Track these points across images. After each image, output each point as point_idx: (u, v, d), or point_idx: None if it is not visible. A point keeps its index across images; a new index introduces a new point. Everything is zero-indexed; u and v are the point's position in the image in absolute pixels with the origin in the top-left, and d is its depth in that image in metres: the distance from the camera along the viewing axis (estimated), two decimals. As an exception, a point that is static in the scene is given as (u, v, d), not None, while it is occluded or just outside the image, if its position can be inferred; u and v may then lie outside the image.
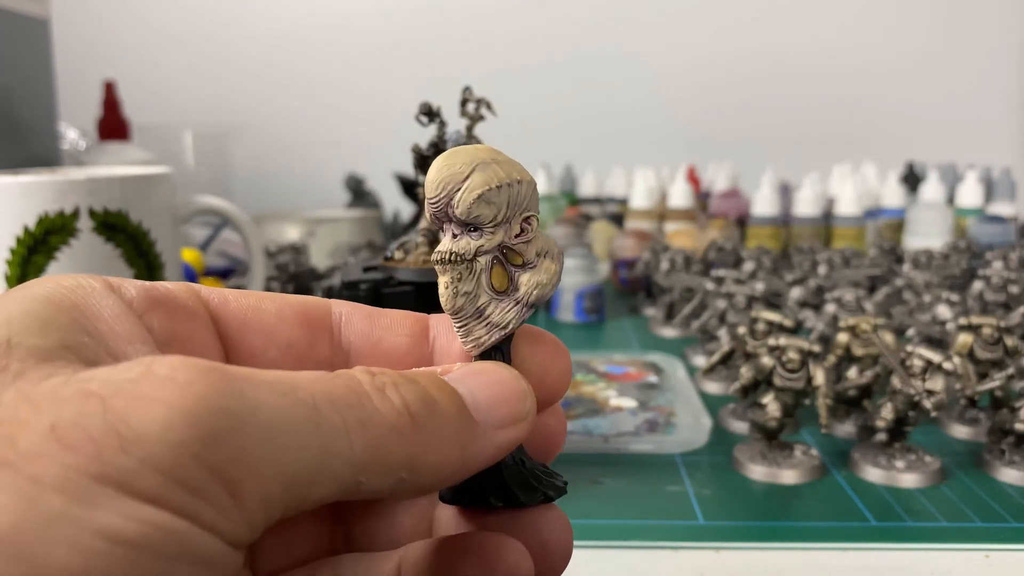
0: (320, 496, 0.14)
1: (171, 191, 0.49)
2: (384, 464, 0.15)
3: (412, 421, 0.15)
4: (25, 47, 0.77)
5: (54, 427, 0.12)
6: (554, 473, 0.20)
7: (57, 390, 0.13)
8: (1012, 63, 1.45)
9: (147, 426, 0.13)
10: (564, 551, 0.20)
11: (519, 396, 0.18)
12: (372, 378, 0.16)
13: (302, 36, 1.43)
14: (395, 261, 0.38)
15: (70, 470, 0.12)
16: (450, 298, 0.19)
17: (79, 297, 0.16)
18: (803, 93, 1.45)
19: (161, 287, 0.18)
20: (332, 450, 0.14)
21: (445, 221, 0.19)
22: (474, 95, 0.38)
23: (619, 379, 0.55)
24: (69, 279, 0.17)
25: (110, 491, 0.12)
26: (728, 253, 0.81)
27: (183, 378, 0.13)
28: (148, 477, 0.12)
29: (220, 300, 0.19)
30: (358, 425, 0.15)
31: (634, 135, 1.43)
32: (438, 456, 0.16)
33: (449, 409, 0.16)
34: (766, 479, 0.41)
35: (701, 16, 1.44)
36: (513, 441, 0.17)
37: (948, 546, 0.35)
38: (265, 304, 0.20)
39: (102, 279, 0.17)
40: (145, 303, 0.18)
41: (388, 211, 1.18)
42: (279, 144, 1.43)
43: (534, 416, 0.18)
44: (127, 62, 1.36)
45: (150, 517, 0.12)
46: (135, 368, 0.13)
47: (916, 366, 0.41)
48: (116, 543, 0.12)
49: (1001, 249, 0.80)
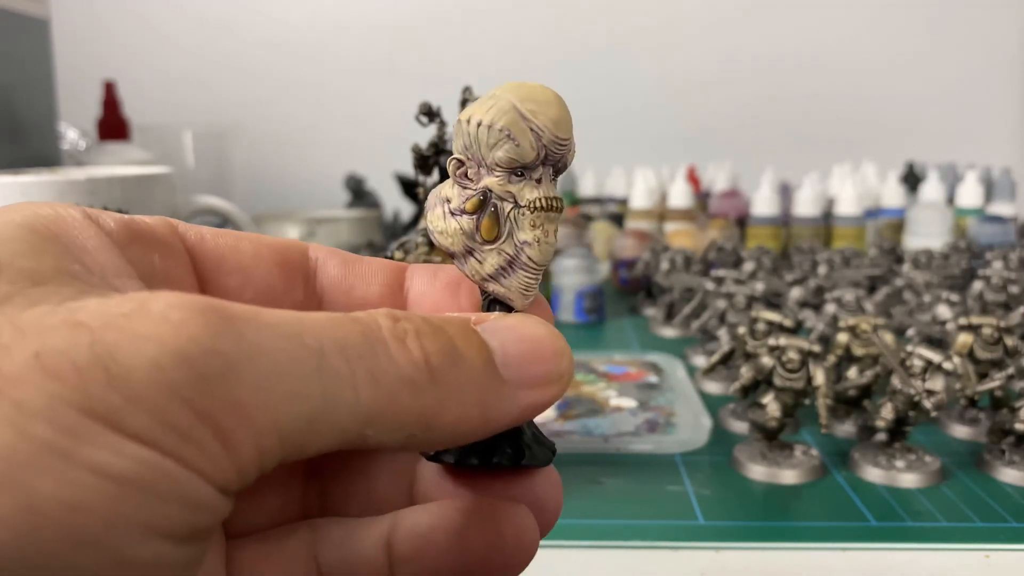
0: (321, 446, 0.14)
1: (171, 191, 0.49)
2: (394, 419, 0.14)
3: (430, 375, 0.15)
4: (25, 47, 0.77)
5: (38, 354, 0.12)
6: (542, 436, 0.20)
7: (44, 317, 0.12)
8: (1012, 63, 1.45)
9: (135, 364, 0.12)
10: (556, 506, 0.19)
11: (554, 354, 0.17)
12: (395, 324, 0.15)
13: (302, 36, 1.43)
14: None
15: (55, 399, 0.11)
16: (551, 248, 0.18)
17: (59, 227, 0.15)
18: (803, 93, 1.44)
19: (140, 220, 0.18)
20: (335, 400, 0.13)
21: (542, 164, 0.18)
22: (474, 95, 0.38)
23: (619, 379, 0.55)
24: (46, 207, 0.16)
25: (98, 426, 0.12)
26: (728, 253, 0.81)
27: (178, 317, 0.13)
28: (135, 416, 0.12)
29: (197, 237, 0.19)
30: (367, 375, 0.14)
31: (634, 135, 1.43)
32: (456, 414, 0.15)
33: (475, 364, 0.15)
34: (766, 479, 0.41)
35: (701, 16, 1.44)
36: (543, 403, 0.16)
37: (948, 546, 0.35)
38: (243, 244, 0.19)
39: (80, 209, 0.16)
40: (125, 236, 0.17)
41: (388, 211, 1.18)
42: (279, 144, 1.43)
43: (570, 377, 0.17)
44: (127, 62, 1.36)
45: (139, 455, 0.12)
46: (128, 303, 0.13)
47: (916, 366, 0.41)
48: (105, 477, 0.11)
49: (1001, 249, 0.80)
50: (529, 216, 0.18)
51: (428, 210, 0.19)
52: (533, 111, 0.17)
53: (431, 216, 0.18)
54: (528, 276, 0.18)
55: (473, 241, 0.18)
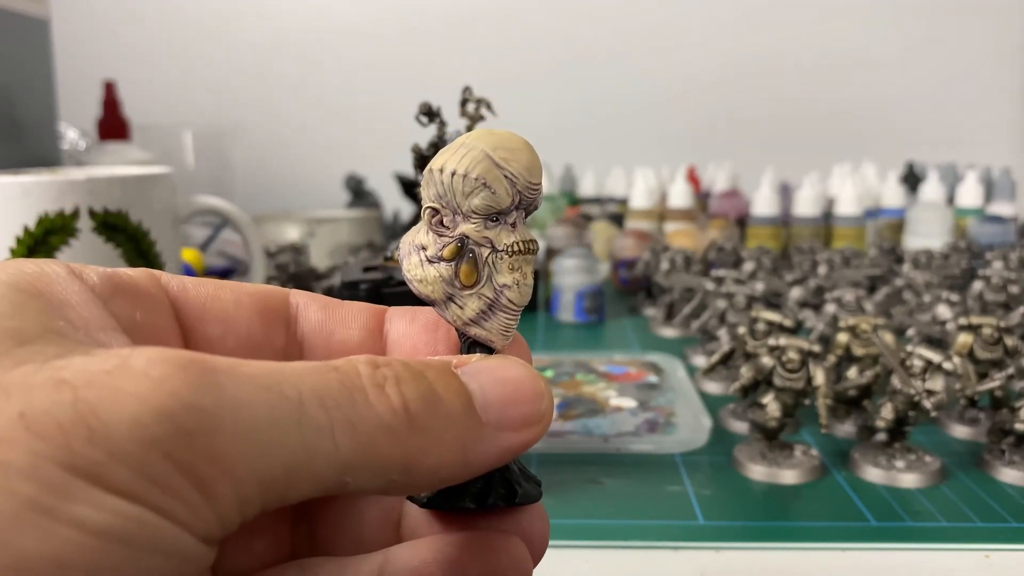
0: (301, 494, 0.14)
1: (171, 191, 0.49)
2: (373, 465, 0.14)
3: (409, 421, 0.15)
4: (25, 47, 0.77)
5: (23, 414, 0.12)
6: (529, 474, 0.20)
7: (29, 376, 0.13)
8: (1012, 63, 1.45)
9: (117, 421, 0.12)
10: (543, 540, 0.19)
11: (534, 396, 0.17)
12: (374, 371, 0.15)
13: (302, 36, 1.43)
14: (395, 261, 0.38)
15: (39, 458, 0.12)
16: (528, 290, 0.18)
17: (43, 284, 0.16)
18: (803, 93, 1.45)
19: (123, 273, 0.18)
20: (314, 450, 0.14)
21: (515, 209, 0.18)
22: (474, 95, 0.38)
23: (619, 379, 0.55)
24: (31, 264, 0.16)
25: (81, 482, 0.12)
26: (728, 253, 0.81)
27: (158, 373, 0.13)
28: (117, 471, 0.12)
29: (179, 287, 0.19)
30: (346, 424, 0.14)
31: (634, 135, 1.43)
32: (436, 458, 0.15)
33: (454, 408, 0.16)
34: (766, 479, 0.41)
35: (701, 16, 1.44)
36: (524, 445, 0.17)
37: (948, 546, 0.35)
38: (223, 293, 0.19)
39: (64, 264, 0.17)
40: (108, 289, 0.17)
41: (388, 211, 1.18)
42: (279, 144, 1.43)
43: (549, 419, 0.17)
44: (127, 62, 1.36)
45: (122, 509, 0.12)
46: (111, 359, 0.13)
47: (916, 366, 0.41)
48: (88, 533, 0.12)
49: (1001, 249, 0.80)
50: (507, 260, 0.18)
51: (403, 258, 0.19)
52: (506, 158, 0.18)
53: (407, 264, 0.19)
54: (508, 317, 0.19)
55: (452, 287, 0.18)
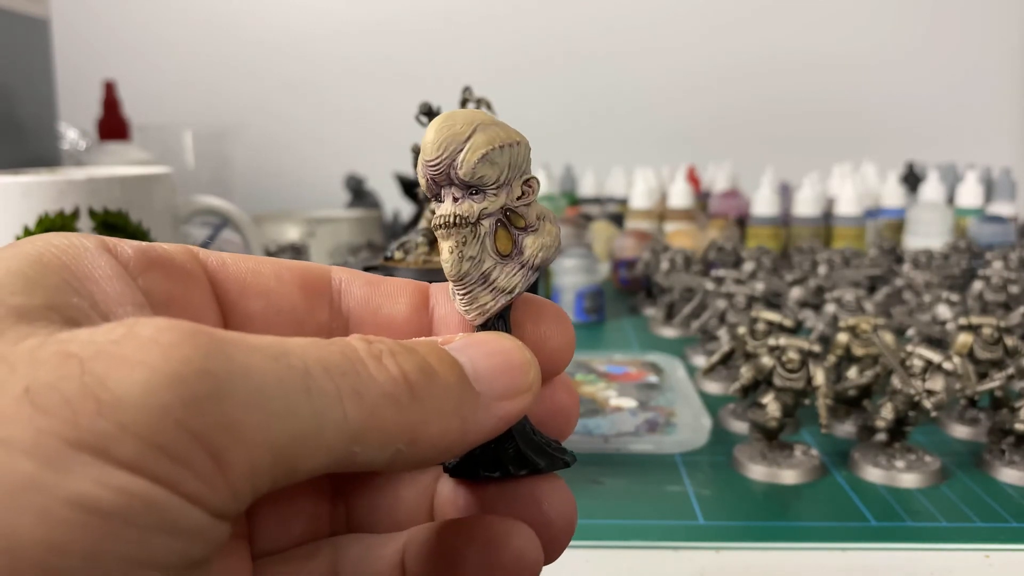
0: (312, 466, 0.14)
1: (171, 191, 0.49)
2: (380, 434, 0.14)
3: (410, 390, 0.15)
4: (25, 47, 0.77)
5: (28, 389, 0.12)
6: (562, 447, 0.20)
7: (34, 351, 0.12)
8: (1012, 63, 1.45)
9: (126, 389, 0.12)
10: (568, 524, 0.19)
11: (522, 366, 0.17)
12: (368, 346, 0.15)
13: (302, 36, 1.43)
14: (395, 261, 0.38)
15: (43, 434, 0.11)
16: (455, 263, 0.18)
17: (70, 257, 0.16)
18: (803, 93, 1.44)
19: (159, 247, 0.18)
20: (325, 418, 0.14)
21: (444, 185, 0.18)
22: (474, 95, 0.38)
23: (619, 379, 0.55)
24: (61, 237, 0.16)
25: (85, 457, 0.11)
26: (728, 253, 0.81)
27: (167, 340, 0.13)
28: (126, 443, 0.12)
29: (218, 263, 0.19)
30: (352, 393, 0.14)
31: (634, 135, 1.43)
32: (438, 427, 0.15)
33: (449, 379, 0.16)
34: (766, 479, 0.41)
35: (701, 16, 1.44)
36: (516, 413, 0.17)
37: (948, 546, 0.35)
38: (264, 268, 0.19)
39: (97, 238, 0.17)
40: (141, 264, 0.17)
41: (388, 211, 1.18)
42: (279, 144, 1.43)
43: (538, 387, 0.17)
44: (127, 62, 1.36)
45: (127, 485, 0.12)
46: (117, 329, 0.13)
47: (916, 366, 0.41)
48: (88, 512, 0.11)
49: (1001, 249, 0.80)
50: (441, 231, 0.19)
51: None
52: None
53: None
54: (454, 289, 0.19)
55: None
